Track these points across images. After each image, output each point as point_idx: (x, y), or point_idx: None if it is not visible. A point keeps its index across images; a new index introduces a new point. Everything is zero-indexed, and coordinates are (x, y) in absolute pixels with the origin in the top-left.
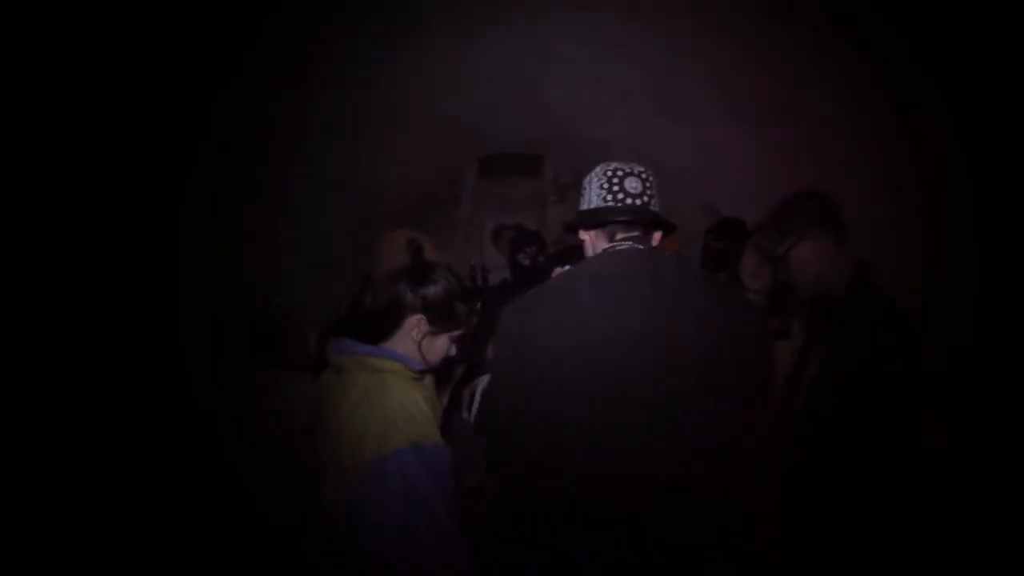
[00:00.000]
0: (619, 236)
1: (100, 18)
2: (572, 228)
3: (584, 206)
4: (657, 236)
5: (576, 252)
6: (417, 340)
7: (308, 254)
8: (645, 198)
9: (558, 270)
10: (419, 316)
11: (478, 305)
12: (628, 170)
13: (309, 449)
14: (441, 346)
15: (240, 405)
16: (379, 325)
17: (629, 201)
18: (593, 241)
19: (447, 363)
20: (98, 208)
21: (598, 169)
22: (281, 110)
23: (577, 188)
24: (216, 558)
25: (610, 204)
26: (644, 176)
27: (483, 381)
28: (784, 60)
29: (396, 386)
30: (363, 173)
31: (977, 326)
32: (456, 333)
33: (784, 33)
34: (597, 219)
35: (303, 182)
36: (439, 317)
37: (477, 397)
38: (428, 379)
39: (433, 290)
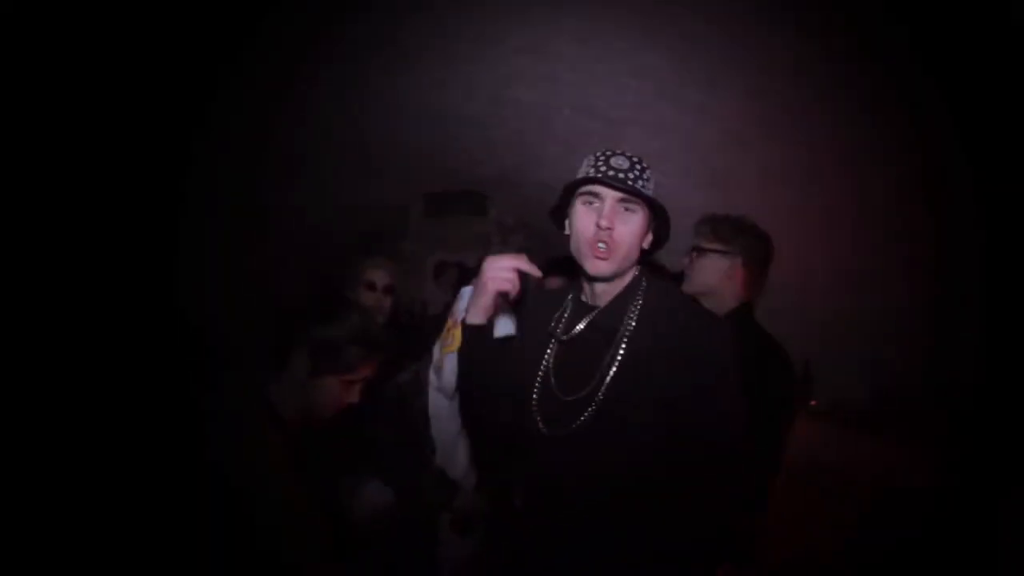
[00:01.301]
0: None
1: (99, 19)
2: (556, 216)
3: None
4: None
5: None
6: (300, 380)
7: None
8: (633, 174)
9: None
10: (303, 353)
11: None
12: (617, 151)
13: None
14: (329, 390)
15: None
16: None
17: (611, 173)
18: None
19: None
20: (97, 209)
21: (588, 154)
22: (244, 135)
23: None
24: (216, 564)
25: (591, 174)
26: (635, 160)
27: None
28: (732, 108)
29: None
30: (311, 204)
31: (979, 340)
32: (347, 378)
33: (732, 84)
34: (572, 186)
35: (257, 206)
36: (326, 358)
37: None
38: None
39: (329, 331)
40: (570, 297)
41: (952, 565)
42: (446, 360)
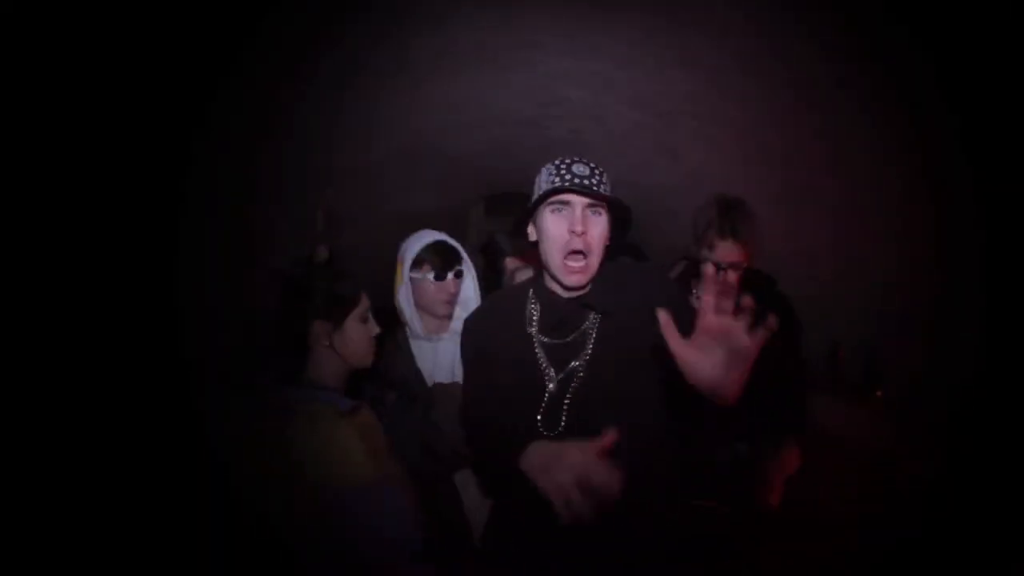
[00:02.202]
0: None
1: (99, 18)
2: (519, 226)
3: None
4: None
5: None
6: (326, 344)
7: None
8: (593, 181)
9: None
10: (318, 320)
11: None
12: (576, 159)
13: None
14: (351, 334)
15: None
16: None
17: (577, 180)
18: (544, 237)
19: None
20: (96, 210)
21: (546, 164)
22: (296, 143)
23: None
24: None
25: (558, 184)
26: (594, 166)
27: None
28: (781, 98)
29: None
30: (370, 209)
31: (980, 347)
32: (358, 313)
33: (779, 72)
34: (542, 197)
35: (312, 217)
36: (330, 304)
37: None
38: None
39: (316, 282)
40: (533, 292)
41: (950, 564)
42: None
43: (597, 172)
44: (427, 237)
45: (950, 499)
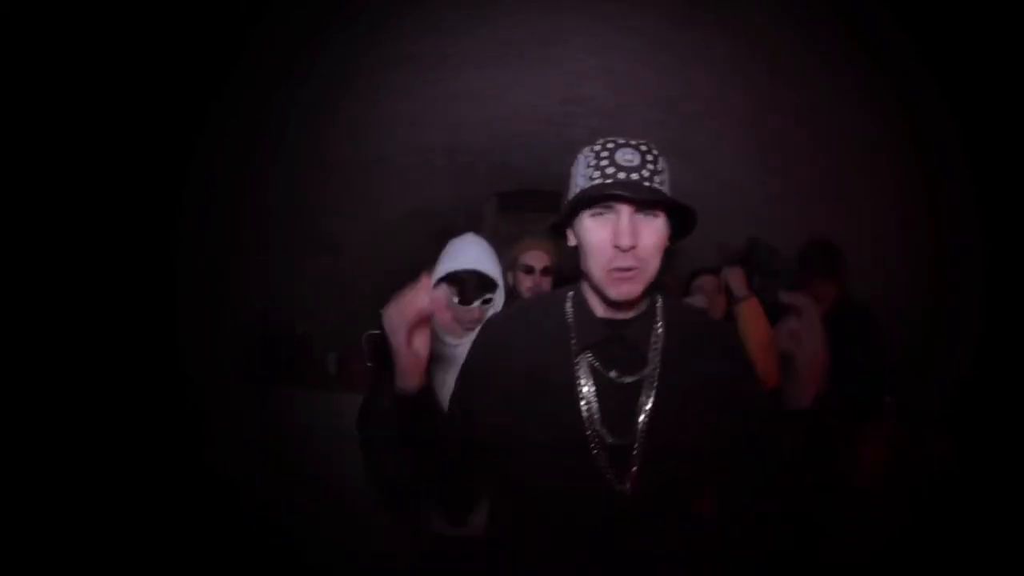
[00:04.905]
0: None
1: (97, 19)
2: (558, 229)
3: (569, 197)
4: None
5: None
6: None
7: (330, 281)
8: (645, 173)
9: None
10: None
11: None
12: (621, 142)
13: None
14: None
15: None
16: None
17: (622, 176)
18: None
19: None
20: (95, 212)
21: (585, 148)
22: (310, 137)
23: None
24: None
25: (597, 182)
26: (644, 149)
27: None
28: (797, 98)
29: None
30: (387, 204)
31: (979, 342)
32: None
33: (797, 74)
34: (575, 203)
35: (328, 209)
36: None
37: None
38: None
39: None
40: (570, 308)
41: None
42: None
43: (649, 159)
44: (469, 260)
45: (959, 497)
